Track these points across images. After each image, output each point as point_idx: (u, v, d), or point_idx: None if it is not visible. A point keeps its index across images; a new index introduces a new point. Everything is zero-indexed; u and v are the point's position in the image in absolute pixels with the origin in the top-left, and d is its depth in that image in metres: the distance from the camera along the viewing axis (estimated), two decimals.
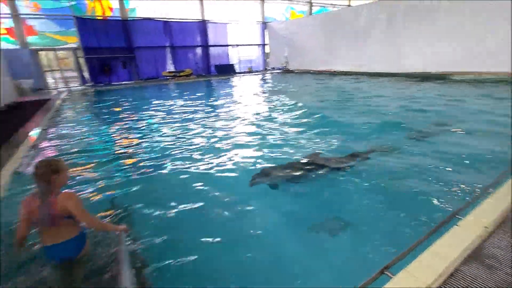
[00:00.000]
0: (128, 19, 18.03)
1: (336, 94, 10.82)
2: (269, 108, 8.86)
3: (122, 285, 1.39)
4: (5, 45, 14.81)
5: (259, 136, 5.80)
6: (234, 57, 23.31)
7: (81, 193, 3.52)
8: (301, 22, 22.02)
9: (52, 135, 6.66)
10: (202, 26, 20.59)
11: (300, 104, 8.87)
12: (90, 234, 2.25)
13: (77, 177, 4.02)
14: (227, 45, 22.39)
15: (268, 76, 20.83)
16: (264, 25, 23.85)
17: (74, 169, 4.28)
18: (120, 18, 17.83)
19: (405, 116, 6.82)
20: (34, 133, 6.28)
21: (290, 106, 8.65)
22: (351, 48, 17.65)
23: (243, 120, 7.43)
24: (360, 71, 17.09)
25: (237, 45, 23.10)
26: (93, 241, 2.28)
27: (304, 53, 21.12)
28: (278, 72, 22.47)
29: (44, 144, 5.87)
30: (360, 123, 6.33)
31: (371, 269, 1.64)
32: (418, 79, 13.47)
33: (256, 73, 22.48)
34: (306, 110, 7.99)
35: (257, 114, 7.95)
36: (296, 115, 7.55)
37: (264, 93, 12.66)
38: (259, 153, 4.81)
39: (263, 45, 24.56)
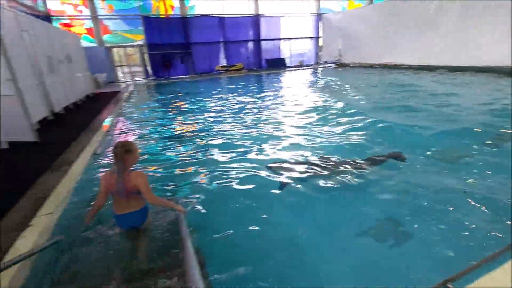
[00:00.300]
0: (188, 16, 19.14)
1: (396, 91, 9.91)
2: (318, 105, 8.52)
3: (188, 260, 1.54)
4: (85, 44, 17.05)
5: (304, 134, 5.65)
6: (286, 50, 23.07)
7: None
8: (360, 12, 20.64)
9: (122, 122, 7.54)
10: (255, 20, 20.81)
11: (352, 102, 8.41)
12: (152, 210, 2.61)
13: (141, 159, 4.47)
14: (279, 39, 22.26)
15: (320, 70, 20.17)
16: (319, 17, 23.04)
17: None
18: (180, 16, 19.04)
19: (483, 120, 5.80)
20: (107, 120, 7.17)
21: (342, 104, 8.18)
22: (416, 39, 15.94)
23: (288, 116, 7.33)
24: (426, 64, 15.40)
25: (289, 39, 22.80)
26: (155, 217, 2.63)
27: (361, 45, 19.82)
28: (330, 66, 21.59)
29: (115, 129, 6.68)
30: (424, 125, 5.61)
31: (430, 280, 1.51)
32: (497, 74, 11.60)
33: (307, 67, 21.96)
34: (358, 108, 7.41)
35: (304, 111, 7.76)
36: (349, 113, 7.05)
37: (313, 88, 12.27)
38: (303, 152, 4.68)
39: (316, 38, 23.79)
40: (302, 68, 21.83)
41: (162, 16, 18.77)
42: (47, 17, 15.04)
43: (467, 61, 13.37)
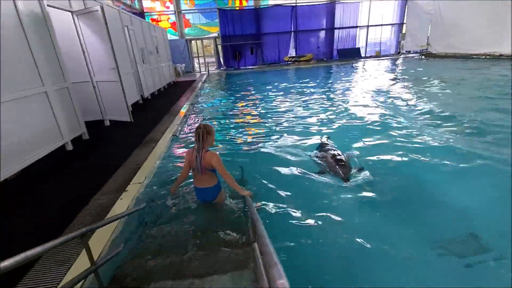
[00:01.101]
0: (260, 7, 19.40)
1: (499, 90, 8.03)
2: (389, 108, 7.64)
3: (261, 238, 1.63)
4: (170, 37, 18.95)
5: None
6: (361, 39, 21.37)
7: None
8: None
9: (197, 107, 8.22)
10: (330, 7, 19.79)
11: (435, 104, 7.25)
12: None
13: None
14: (356, 27, 20.72)
15: (400, 61, 18.10)
16: (405, 1, 20.53)
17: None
18: (253, 7, 19.43)
19: None
20: (184, 106, 7.90)
21: (421, 106, 7.00)
22: None
23: (347, 114, 6.75)
24: None
25: (367, 26, 20.99)
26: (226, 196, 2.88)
27: (457, 33, 16.88)
28: (414, 56, 19.16)
29: (191, 115, 7.33)
30: None
31: None
32: None
33: (385, 58, 19.97)
34: (444, 111, 6.15)
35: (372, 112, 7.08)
36: (430, 118, 5.88)
37: (386, 83, 11.03)
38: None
39: (399, 24, 21.32)
40: (379, 58, 19.95)
41: (236, 8, 19.46)
42: (141, 13, 17.22)
43: None
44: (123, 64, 6.57)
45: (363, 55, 21.14)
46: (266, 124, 6.12)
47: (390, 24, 21.43)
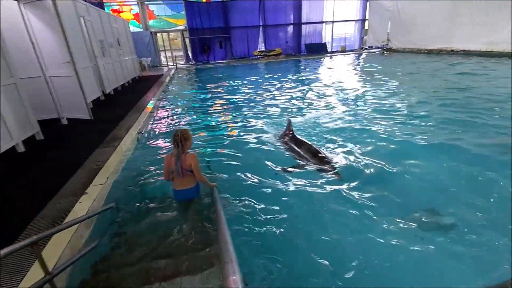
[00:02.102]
0: (228, 0, 19.08)
1: (454, 82, 8.71)
2: (350, 95, 8.07)
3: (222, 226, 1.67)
4: (133, 29, 17.96)
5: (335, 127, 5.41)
6: (327, 35, 21.99)
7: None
8: None
9: (164, 103, 7.93)
10: (297, 3, 20.04)
11: (394, 91, 7.79)
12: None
13: None
14: (321, 22, 21.24)
15: (364, 56, 18.96)
16: None
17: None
18: (221, 0, 19.05)
19: None
20: (151, 101, 7.59)
21: (384, 97, 7.60)
22: (482, 21, 14.06)
23: (320, 106, 7.08)
24: (492, 51, 13.61)
25: (332, 22, 21.64)
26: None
27: (414, 29, 18.00)
28: (376, 52, 20.17)
29: (158, 111, 7.06)
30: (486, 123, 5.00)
31: (496, 276, 1.38)
32: None
33: (350, 53, 20.79)
34: (405, 103, 6.75)
35: (338, 100, 7.42)
36: (393, 110, 6.39)
37: (352, 76, 11.61)
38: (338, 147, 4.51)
39: (362, 20, 22.25)
40: (344, 53, 20.72)
41: (203, 1, 18.95)
42: (99, 4, 16.08)
43: None
44: (80, 58, 6.12)
45: (329, 50, 21.79)
46: (237, 119, 6.09)
47: (353, 20, 22.27)
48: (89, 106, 5.99)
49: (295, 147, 4.14)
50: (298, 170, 3.55)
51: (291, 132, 4.61)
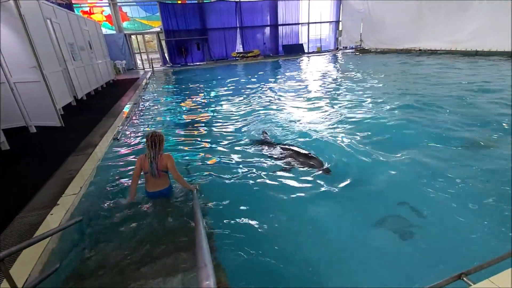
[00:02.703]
0: (204, 1, 18.92)
1: (421, 79, 9.32)
2: (325, 93, 8.33)
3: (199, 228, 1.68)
4: (105, 31, 17.33)
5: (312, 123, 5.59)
6: (304, 36, 22.42)
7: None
8: None
9: (140, 108, 7.72)
10: (273, 4, 20.25)
11: (368, 90, 8.13)
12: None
13: None
14: (298, 23, 21.62)
15: (339, 56, 19.52)
16: (339, 0, 22.08)
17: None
18: (196, 1, 18.85)
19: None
20: (127, 106, 7.37)
21: (357, 93, 7.96)
22: (446, 22, 14.97)
23: (299, 104, 7.25)
24: (456, 50, 14.53)
25: (308, 23, 22.10)
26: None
27: (384, 30, 18.88)
28: (350, 52, 20.83)
29: (134, 115, 6.86)
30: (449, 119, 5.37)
31: (445, 273, 1.49)
32: None
33: (326, 53, 21.32)
34: (377, 98, 7.20)
35: (315, 98, 7.64)
36: (366, 104, 6.85)
37: (331, 77, 11.94)
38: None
39: (336, 22, 22.91)
40: (321, 54, 21.21)
41: (178, 2, 18.66)
42: (68, 5, 15.38)
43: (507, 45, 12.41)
44: (48, 62, 5.83)
45: (306, 50, 22.21)
46: (216, 123, 6.06)
47: (328, 22, 22.87)
48: (59, 113, 5.72)
49: (276, 151, 4.19)
50: (284, 173, 3.57)
51: (267, 139, 4.67)
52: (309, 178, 3.38)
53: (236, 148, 4.53)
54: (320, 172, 3.47)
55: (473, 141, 4.12)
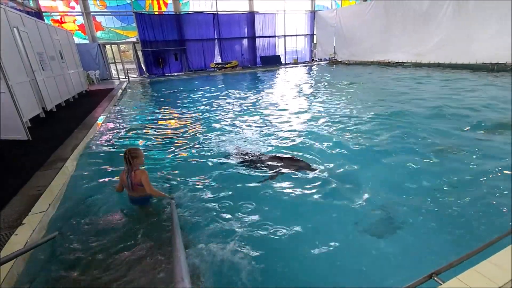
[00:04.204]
0: (181, 13, 18.96)
1: (386, 89, 10.02)
2: (311, 103, 8.61)
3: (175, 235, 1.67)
4: (77, 40, 16.77)
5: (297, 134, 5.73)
6: (281, 48, 23.07)
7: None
8: (354, 9, 20.72)
9: (115, 119, 7.47)
10: (250, 17, 20.73)
11: (343, 100, 8.50)
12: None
13: None
14: (274, 36, 22.23)
15: (314, 67, 20.23)
16: (313, 14, 23.07)
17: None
18: (173, 13, 18.85)
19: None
20: (101, 117, 7.11)
21: (332, 102, 8.30)
22: (411, 36, 16.13)
23: (277, 114, 7.40)
24: (421, 62, 15.63)
25: (284, 36, 22.80)
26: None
27: (355, 43, 19.94)
28: (325, 64, 21.67)
29: (109, 127, 6.63)
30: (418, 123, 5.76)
31: (417, 273, 1.56)
32: (493, 70, 11.85)
33: (301, 65, 22.01)
34: (350, 107, 7.57)
35: (290, 109, 7.83)
36: (339, 112, 7.19)
37: (307, 86, 12.33)
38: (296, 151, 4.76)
39: (311, 35, 23.84)
40: (297, 65, 21.85)
41: (155, 13, 18.56)
42: (37, 13, 14.77)
43: (463, 58, 13.53)
44: (14, 72, 5.53)
45: (283, 62, 22.81)
46: (194, 134, 5.99)
47: (303, 35, 23.75)
48: (26, 125, 5.41)
49: (260, 160, 4.17)
50: (273, 181, 3.58)
51: (244, 152, 4.66)
52: (302, 180, 3.46)
53: (217, 160, 4.48)
54: (311, 172, 3.53)
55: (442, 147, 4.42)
